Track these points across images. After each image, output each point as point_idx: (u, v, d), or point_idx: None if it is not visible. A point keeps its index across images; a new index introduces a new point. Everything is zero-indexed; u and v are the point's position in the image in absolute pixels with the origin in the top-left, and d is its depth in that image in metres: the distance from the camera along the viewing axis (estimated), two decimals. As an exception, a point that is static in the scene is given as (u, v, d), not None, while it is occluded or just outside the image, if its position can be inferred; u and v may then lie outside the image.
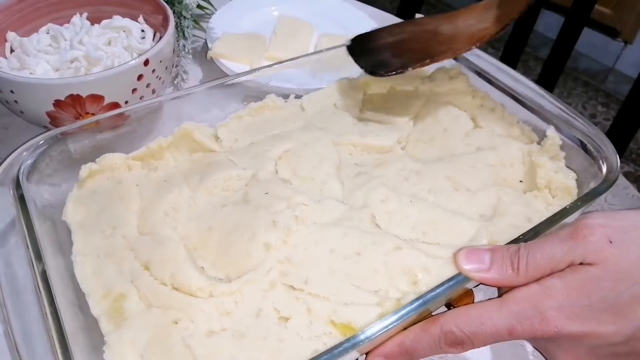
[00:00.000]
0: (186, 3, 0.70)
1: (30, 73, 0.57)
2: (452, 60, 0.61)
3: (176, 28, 0.64)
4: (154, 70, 0.56)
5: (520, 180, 0.51)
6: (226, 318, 0.39)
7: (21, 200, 0.43)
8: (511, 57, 1.31)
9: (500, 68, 0.58)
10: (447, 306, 0.46)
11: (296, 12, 0.82)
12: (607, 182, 0.45)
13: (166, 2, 0.63)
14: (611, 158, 0.47)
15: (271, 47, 0.75)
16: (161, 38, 0.58)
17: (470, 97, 0.60)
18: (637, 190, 0.62)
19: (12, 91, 0.52)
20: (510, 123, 0.56)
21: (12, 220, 0.42)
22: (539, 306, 0.36)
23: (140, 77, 0.55)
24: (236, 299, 0.39)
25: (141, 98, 0.57)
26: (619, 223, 0.38)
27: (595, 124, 0.50)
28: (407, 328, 0.39)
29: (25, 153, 0.46)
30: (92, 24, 0.64)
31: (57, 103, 0.52)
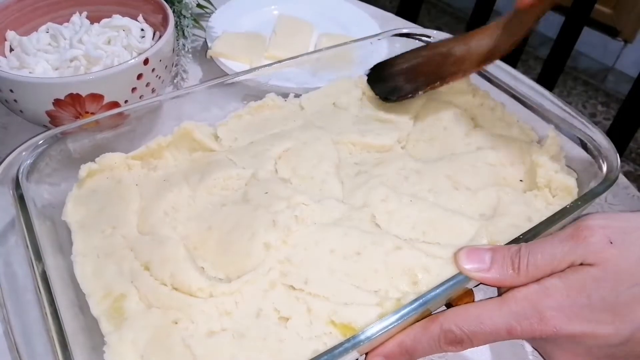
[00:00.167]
0: (186, 2, 0.70)
1: (29, 72, 0.56)
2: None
3: (176, 27, 0.64)
4: (154, 69, 0.56)
5: (520, 179, 0.50)
6: (226, 318, 0.39)
7: (21, 200, 0.43)
8: (511, 56, 1.31)
9: (500, 67, 0.58)
10: (447, 306, 0.46)
11: (296, 12, 0.82)
12: (608, 182, 0.45)
13: (166, 1, 0.63)
14: (611, 157, 0.47)
15: (271, 47, 0.75)
16: (161, 37, 0.57)
17: (470, 96, 0.60)
18: (638, 189, 0.62)
19: (12, 90, 0.52)
20: (510, 122, 0.56)
21: (12, 220, 0.42)
22: (538, 306, 0.36)
23: (139, 76, 0.55)
24: (236, 299, 0.39)
25: (141, 97, 0.57)
26: (620, 224, 0.38)
27: (595, 124, 0.50)
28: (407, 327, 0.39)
29: (24, 152, 0.46)
30: (92, 23, 0.63)
31: (57, 102, 0.52)
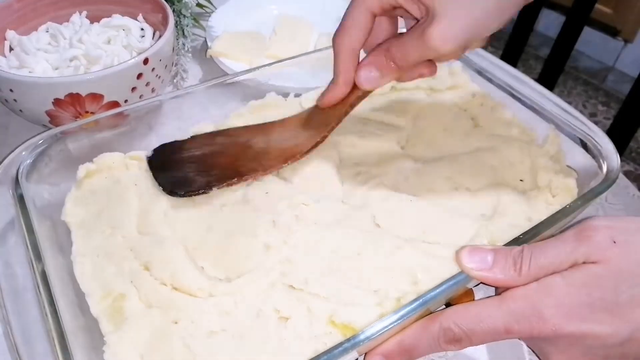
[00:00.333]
0: (186, 1, 0.70)
1: (29, 72, 0.56)
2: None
3: (176, 26, 0.64)
4: (154, 68, 0.56)
5: (520, 179, 0.50)
6: (226, 318, 0.39)
7: (20, 199, 0.43)
8: (511, 56, 1.31)
9: (500, 67, 0.58)
10: (447, 306, 0.46)
11: (296, 11, 0.82)
12: (608, 181, 0.45)
13: (166, 1, 0.63)
14: (611, 157, 0.47)
15: (271, 46, 0.75)
16: (161, 37, 0.57)
17: (470, 96, 0.59)
18: (638, 189, 0.62)
19: (12, 90, 0.52)
20: (510, 122, 0.56)
21: (12, 220, 0.42)
22: (537, 304, 0.36)
23: (139, 76, 0.55)
24: (236, 299, 0.39)
25: (141, 97, 0.57)
26: (624, 225, 0.38)
27: (595, 123, 0.50)
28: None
29: (24, 152, 0.45)
30: (92, 23, 0.63)
31: (57, 102, 0.52)
